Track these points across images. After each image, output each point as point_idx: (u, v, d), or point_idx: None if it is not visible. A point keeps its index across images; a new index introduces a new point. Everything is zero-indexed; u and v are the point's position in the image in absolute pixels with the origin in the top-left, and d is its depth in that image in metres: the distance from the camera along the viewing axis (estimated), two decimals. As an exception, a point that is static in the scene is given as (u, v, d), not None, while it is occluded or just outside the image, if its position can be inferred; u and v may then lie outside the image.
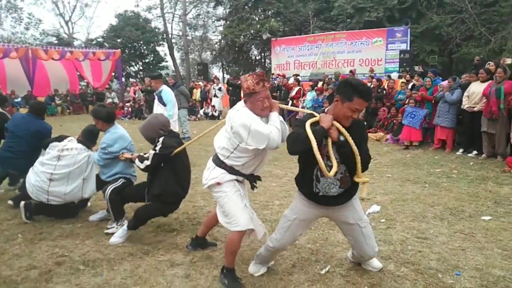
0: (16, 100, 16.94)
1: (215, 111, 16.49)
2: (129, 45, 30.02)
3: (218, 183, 2.89)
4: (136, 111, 17.03)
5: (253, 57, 29.73)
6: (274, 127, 2.67)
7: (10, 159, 4.86)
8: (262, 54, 28.80)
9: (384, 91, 10.87)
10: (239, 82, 13.57)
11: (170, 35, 30.26)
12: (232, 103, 13.73)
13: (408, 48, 17.98)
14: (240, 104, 2.83)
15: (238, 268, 3.10)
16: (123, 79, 25.49)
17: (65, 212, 4.37)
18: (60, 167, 4.12)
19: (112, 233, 3.90)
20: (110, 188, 4.04)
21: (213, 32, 32.37)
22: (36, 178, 4.13)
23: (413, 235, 3.80)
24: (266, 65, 27.73)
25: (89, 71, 21.05)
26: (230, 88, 15.65)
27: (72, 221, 4.31)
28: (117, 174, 4.20)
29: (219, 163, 2.90)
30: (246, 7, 25.42)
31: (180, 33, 31.12)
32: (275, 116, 2.76)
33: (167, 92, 7.53)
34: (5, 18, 30.17)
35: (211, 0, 28.83)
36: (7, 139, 4.98)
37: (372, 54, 19.20)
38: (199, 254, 3.47)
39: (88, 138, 4.44)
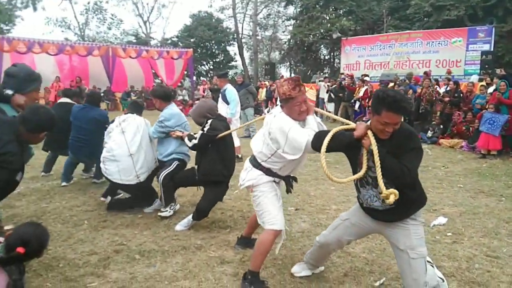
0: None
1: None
2: (201, 44, 31.04)
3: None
4: (204, 108, 17.55)
5: (322, 57, 29.27)
6: (312, 131, 2.66)
7: (79, 148, 5.30)
8: (332, 54, 28.26)
9: (462, 95, 10.09)
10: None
11: (240, 35, 30.80)
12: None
13: (492, 49, 16.52)
14: (277, 109, 2.81)
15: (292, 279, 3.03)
16: (194, 78, 26.44)
17: (142, 198, 4.61)
18: (130, 137, 4.34)
19: (166, 217, 4.26)
20: (164, 173, 4.24)
21: (283, 31, 32.37)
22: (117, 164, 4.30)
23: (482, 253, 3.45)
24: (335, 64, 27.16)
25: (163, 69, 22.12)
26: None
27: (134, 211, 4.51)
28: (172, 154, 4.40)
29: (256, 164, 2.92)
30: (317, 6, 25.06)
31: (251, 33, 31.53)
32: (311, 119, 2.75)
33: (231, 91, 7.63)
34: (91, 19, 32.76)
35: (282, 0, 28.86)
36: (72, 129, 5.37)
37: (450, 55, 17.92)
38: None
39: (134, 108, 4.75)
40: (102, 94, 18.44)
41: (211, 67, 32.72)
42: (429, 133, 9.89)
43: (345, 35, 22.27)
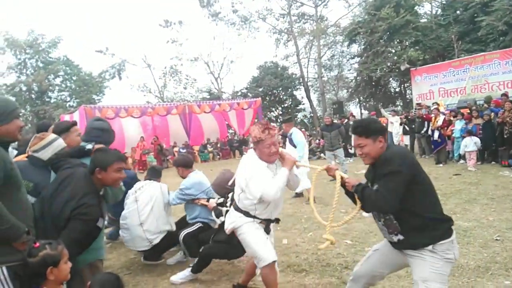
0: (181, 150, 19.61)
1: (351, 148, 16.06)
2: (269, 92, 32.19)
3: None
4: (276, 153, 17.86)
5: (392, 90, 28.62)
6: (276, 183, 2.84)
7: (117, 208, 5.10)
8: (402, 86, 27.56)
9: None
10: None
11: (306, 79, 31.45)
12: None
13: None
14: (251, 151, 3.04)
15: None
16: (265, 124, 27.11)
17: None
18: (142, 206, 4.39)
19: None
20: (183, 233, 4.41)
21: (348, 70, 32.47)
22: (130, 232, 4.42)
23: None
24: (407, 96, 26.34)
25: (235, 119, 23.18)
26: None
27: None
28: (197, 218, 4.53)
29: (236, 207, 3.07)
30: (381, 40, 24.95)
31: (316, 76, 32.06)
32: (283, 172, 2.91)
33: (297, 134, 7.81)
34: (169, 81, 35.76)
35: (345, 40, 29.22)
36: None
37: (533, 71, 16.55)
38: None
39: (152, 174, 4.89)
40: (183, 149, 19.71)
41: (280, 112, 33.53)
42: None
43: (413, 66, 21.69)
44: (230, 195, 3.90)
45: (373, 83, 26.11)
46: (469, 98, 17.21)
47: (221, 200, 4.13)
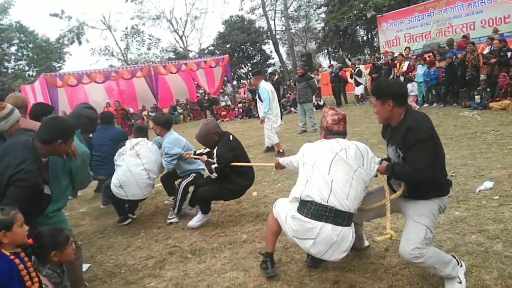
0: (151, 114, 19.26)
1: (320, 100, 16.23)
2: (237, 48, 31.64)
3: None
4: (246, 110, 17.85)
5: (359, 39, 28.60)
6: None
7: (99, 167, 5.28)
8: (369, 34, 27.55)
9: (509, 53, 9.47)
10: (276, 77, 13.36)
11: (274, 32, 30.92)
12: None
13: (543, -2, 15.26)
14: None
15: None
16: (235, 82, 26.91)
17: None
18: (146, 159, 4.55)
19: (175, 222, 4.64)
20: (183, 183, 4.68)
21: (316, 20, 32.10)
22: (135, 183, 4.49)
23: (532, 212, 3.32)
24: (375, 44, 26.42)
25: (204, 78, 22.73)
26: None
27: (183, 216, 4.80)
28: (188, 171, 4.79)
29: None
30: (346, -12, 24.58)
31: (284, 28, 31.54)
32: None
33: (263, 88, 7.62)
34: (131, 43, 34.46)
35: (310, -11, 28.64)
36: (93, 151, 5.23)
37: (496, 12, 16.73)
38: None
39: (140, 132, 5.00)
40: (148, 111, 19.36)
41: (249, 68, 33.16)
42: (477, 99, 9.40)
43: (380, 12, 21.61)
44: (214, 151, 4.16)
45: (341, 33, 26.03)
46: (434, 42, 17.41)
47: (206, 150, 4.51)
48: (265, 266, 3.03)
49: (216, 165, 4.11)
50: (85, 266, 3.73)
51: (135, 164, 4.51)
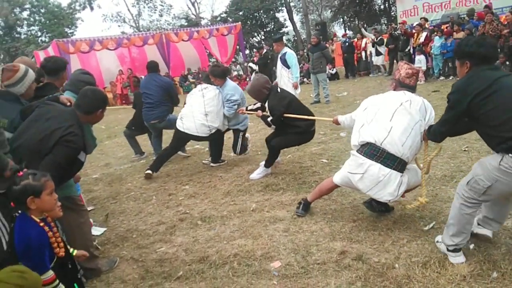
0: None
1: (333, 70, 15.94)
2: (250, 16, 30.90)
3: None
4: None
5: (376, 8, 27.73)
6: None
7: (149, 112, 5.82)
8: (386, 3, 26.65)
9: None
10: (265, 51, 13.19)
11: (288, -1, 30.11)
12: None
13: None
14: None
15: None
16: (247, 51, 26.50)
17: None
18: (208, 102, 5.06)
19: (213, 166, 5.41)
20: (240, 134, 5.31)
21: (332, -13, 31.04)
22: (194, 120, 5.04)
23: None
24: (392, 13, 25.60)
25: (216, 47, 22.39)
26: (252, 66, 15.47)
27: (194, 183, 4.88)
28: (238, 124, 5.30)
29: None
30: (364, -46, 23.63)
31: (298, -5, 30.73)
32: None
33: (291, 54, 7.59)
34: (143, 9, 34.01)
35: (327, -46, 27.58)
36: (143, 99, 5.90)
37: (521, -19, 16.03)
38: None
39: (208, 80, 5.38)
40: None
41: (263, 37, 32.54)
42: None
43: (398, -20, 20.85)
44: (266, 105, 4.56)
45: (357, 1, 25.21)
46: (453, 13, 16.81)
47: (258, 105, 4.86)
48: (298, 206, 3.57)
49: (271, 117, 4.48)
50: (100, 230, 3.86)
51: (198, 103, 5.08)
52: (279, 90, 4.63)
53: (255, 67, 15.58)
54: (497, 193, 2.32)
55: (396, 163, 2.77)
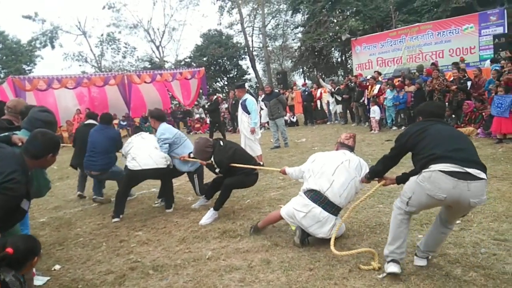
0: (122, 123, 18.95)
1: (293, 117, 16.47)
2: (214, 62, 31.56)
3: None
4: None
5: (334, 60, 29.24)
6: None
7: (91, 162, 5.79)
8: (343, 56, 28.19)
9: (469, 83, 9.91)
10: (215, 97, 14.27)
11: (251, 48, 31.20)
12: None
13: (505, 31, 16.15)
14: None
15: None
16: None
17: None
18: (151, 140, 5.28)
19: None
20: (196, 175, 5.52)
21: (293, 39, 32.62)
22: (148, 152, 5.09)
23: (490, 237, 3.42)
24: (348, 65, 27.06)
25: (179, 90, 22.51)
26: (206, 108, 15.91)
27: (148, 229, 4.69)
28: (191, 168, 5.44)
29: None
30: (323, 10, 25.12)
31: (261, 45, 31.94)
32: None
33: (251, 101, 7.82)
34: (106, 50, 33.93)
35: (288, 9, 29.13)
36: (88, 148, 5.84)
37: (463, 43, 17.65)
38: (258, 258, 3.54)
39: (137, 131, 5.84)
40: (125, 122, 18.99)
41: (226, 82, 33.20)
42: (444, 124, 9.75)
43: (354, 36, 22.27)
44: (212, 159, 4.79)
45: (316, 53, 26.41)
46: (404, 67, 18.05)
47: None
48: (250, 229, 4.19)
49: (218, 169, 4.77)
50: (43, 279, 3.57)
51: (143, 142, 5.22)
52: (221, 143, 4.92)
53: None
54: (416, 203, 2.80)
55: (334, 209, 3.53)
